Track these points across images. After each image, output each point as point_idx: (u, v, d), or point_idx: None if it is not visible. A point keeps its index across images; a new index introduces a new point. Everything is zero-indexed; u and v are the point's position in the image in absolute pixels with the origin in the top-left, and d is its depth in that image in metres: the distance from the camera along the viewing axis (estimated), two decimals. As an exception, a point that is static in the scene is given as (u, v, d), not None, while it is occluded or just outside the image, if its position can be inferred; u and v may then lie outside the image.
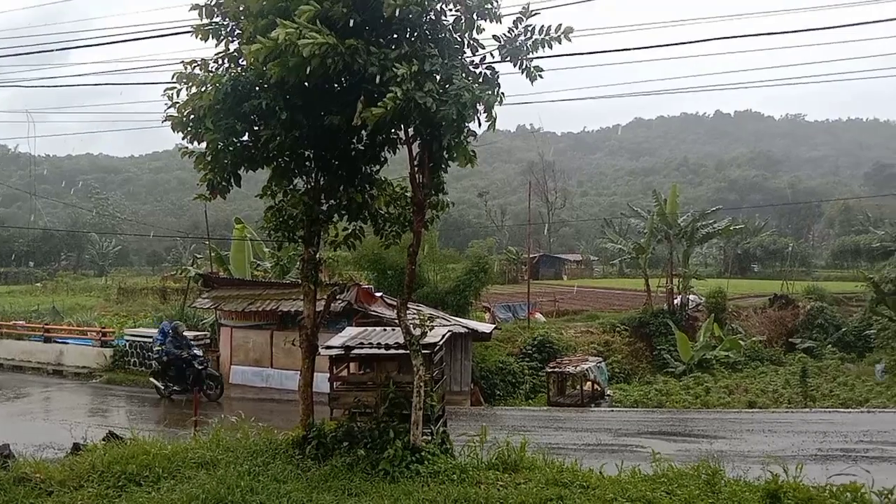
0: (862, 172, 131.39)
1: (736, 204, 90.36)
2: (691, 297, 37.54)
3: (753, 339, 33.60)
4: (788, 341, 35.43)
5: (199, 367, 19.60)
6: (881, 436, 14.92)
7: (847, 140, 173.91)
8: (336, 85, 8.93)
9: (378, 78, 8.10)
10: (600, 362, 25.26)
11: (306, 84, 8.51)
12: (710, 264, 75.07)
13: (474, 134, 9.26)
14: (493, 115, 8.58)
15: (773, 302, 39.58)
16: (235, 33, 9.46)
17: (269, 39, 7.57)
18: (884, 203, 79.53)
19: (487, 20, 8.69)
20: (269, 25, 8.02)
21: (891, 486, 8.05)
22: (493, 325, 27.32)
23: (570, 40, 8.52)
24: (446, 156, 9.47)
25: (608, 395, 23.87)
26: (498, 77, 8.99)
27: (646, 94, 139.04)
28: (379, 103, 7.82)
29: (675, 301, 35.86)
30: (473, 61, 9.06)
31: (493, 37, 8.85)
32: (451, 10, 8.71)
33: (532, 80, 8.81)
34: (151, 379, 20.39)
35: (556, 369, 23.40)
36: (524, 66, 8.76)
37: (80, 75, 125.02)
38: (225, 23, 9.41)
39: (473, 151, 9.54)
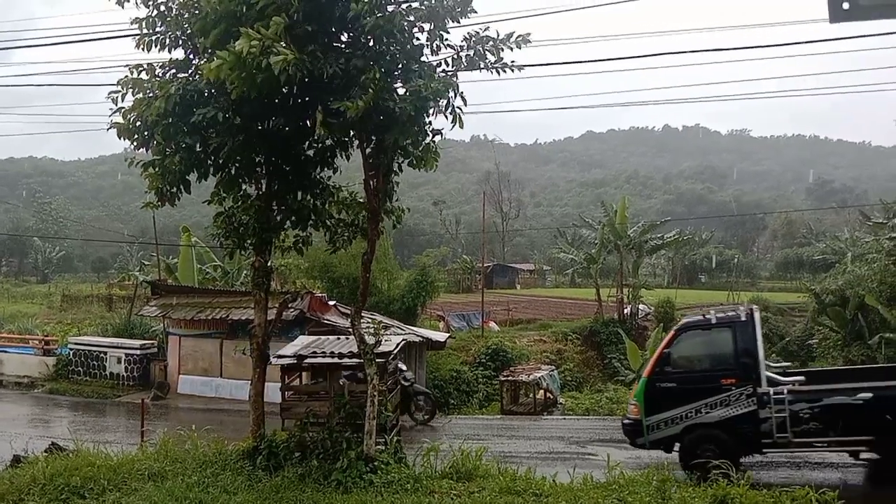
0: (804, 187, 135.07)
1: (683, 216, 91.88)
2: (641, 306, 38.06)
3: (701, 347, 34.17)
4: (735, 350, 36.13)
5: (405, 384, 16.84)
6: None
7: (789, 156, 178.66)
8: (285, 89, 8.86)
9: (339, 81, 8.11)
10: (552, 371, 25.41)
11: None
12: (659, 275, 76.19)
13: (439, 132, 9.27)
14: (458, 112, 8.64)
15: (720, 312, 40.34)
16: (180, 41, 9.33)
17: (229, 52, 7.40)
18: (825, 217, 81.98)
19: (454, 20, 8.71)
20: (224, 33, 7.89)
21: (833, 489, 8.30)
22: (448, 334, 27.33)
23: (529, 41, 8.65)
24: (414, 162, 9.50)
25: (560, 404, 24.04)
26: (456, 79, 9.03)
27: (594, 106, 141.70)
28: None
29: (626, 310, 36.32)
30: (431, 64, 9.09)
31: (449, 46, 8.91)
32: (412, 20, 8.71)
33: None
34: None
35: (509, 378, 23.49)
36: (490, 68, 8.79)
37: (23, 75, 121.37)
38: (169, 31, 9.27)
39: (436, 150, 9.58)
